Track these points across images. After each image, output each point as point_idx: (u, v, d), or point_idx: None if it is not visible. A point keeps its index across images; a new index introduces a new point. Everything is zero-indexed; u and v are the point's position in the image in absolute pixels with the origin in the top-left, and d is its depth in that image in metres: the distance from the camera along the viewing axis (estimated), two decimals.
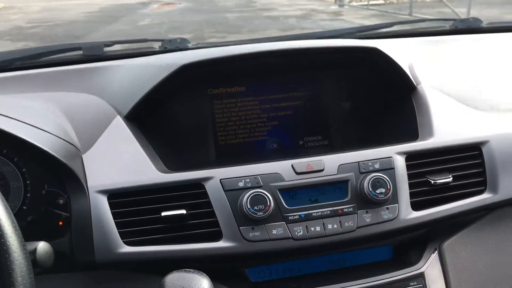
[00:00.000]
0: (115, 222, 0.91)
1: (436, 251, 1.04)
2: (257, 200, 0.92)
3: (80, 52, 1.39)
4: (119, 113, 1.05)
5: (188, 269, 0.77)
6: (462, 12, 8.16)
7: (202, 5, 13.32)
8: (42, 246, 0.68)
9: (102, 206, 0.91)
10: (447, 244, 1.05)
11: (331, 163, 0.99)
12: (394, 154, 1.01)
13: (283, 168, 0.97)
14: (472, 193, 1.05)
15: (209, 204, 0.94)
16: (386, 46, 1.15)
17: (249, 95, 1.22)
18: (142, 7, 13.41)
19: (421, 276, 1.01)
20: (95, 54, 1.37)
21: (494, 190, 1.05)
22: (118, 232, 0.90)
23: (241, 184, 0.95)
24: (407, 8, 9.95)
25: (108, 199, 0.92)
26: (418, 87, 1.16)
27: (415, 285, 0.99)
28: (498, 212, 1.09)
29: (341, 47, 1.15)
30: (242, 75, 1.22)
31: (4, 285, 0.55)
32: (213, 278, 0.96)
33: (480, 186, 1.06)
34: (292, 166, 0.98)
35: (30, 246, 0.67)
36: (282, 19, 9.95)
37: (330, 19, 10.11)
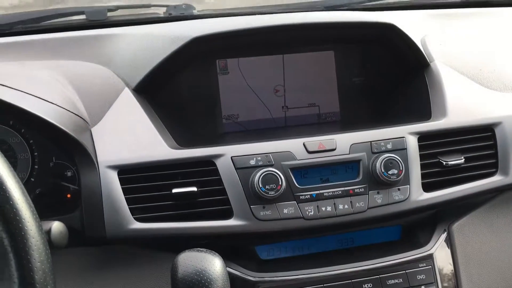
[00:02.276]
0: (126, 198, 0.90)
1: (446, 233, 1.05)
2: (269, 179, 0.91)
3: (83, 16, 1.35)
4: (127, 85, 1.03)
5: (201, 249, 0.76)
6: None
7: None
8: (57, 225, 0.67)
9: (112, 182, 0.90)
10: (456, 226, 1.05)
11: (343, 142, 0.98)
12: (407, 134, 1.00)
13: (295, 147, 0.96)
14: (484, 175, 1.04)
15: (220, 181, 0.93)
16: (399, 20, 1.12)
17: (259, 67, 1.19)
18: None
19: (430, 257, 1.01)
20: (98, 19, 1.34)
21: (506, 172, 1.04)
22: (129, 208, 0.90)
23: (252, 162, 0.93)
24: None
25: (119, 174, 0.90)
26: (431, 64, 1.14)
27: (424, 266, 1.00)
28: (508, 194, 1.08)
29: (356, 23, 1.12)
30: (251, 47, 1.19)
31: (23, 272, 0.54)
32: (221, 255, 0.97)
33: (491, 168, 1.05)
34: (304, 144, 0.97)
35: (45, 226, 0.66)
36: None
37: None
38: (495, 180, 1.04)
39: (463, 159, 1.02)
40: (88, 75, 1.05)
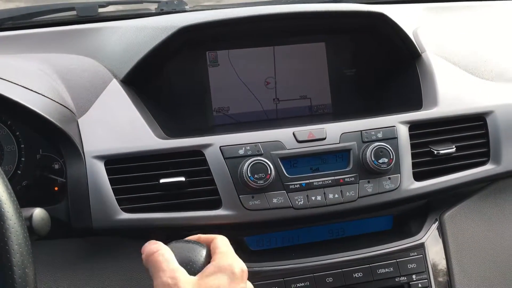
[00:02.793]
0: (113, 189, 0.89)
1: (437, 222, 1.04)
2: (258, 168, 0.90)
3: (74, 12, 1.34)
4: (115, 77, 1.02)
5: (188, 239, 0.75)
6: None
7: None
8: (38, 212, 0.66)
9: (99, 172, 0.89)
10: (448, 215, 1.04)
11: (333, 132, 0.97)
12: (398, 123, 0.99)
13: (284, 136, 0.95)
14: (475, 164, 1.03)
15: (208, 171, 0.92)
16: (391, 11, 1.12)
17: (249, 58, 1.19)
18: None
19: (421, 246, 1.00)
20: (89, 15, 1.34)
21: (497, 161, 1.04)
22: (116, 198, 0.88)
23: (241, 152, 0.92)
24: None
25: (105, 165, 0.89)
26: (423, 54, 1.13)
27: (415, 255, 0.99)
28: (500, 183, 1.08)
29: (347, 11, 1.12)
30: (241, 38, 1.19)
31: (0, 254, 0.53)
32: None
33: (483, 157, 1.04)
34: (293, 134, 0.96)
35: (26, 212, 0.65)
36: None
37: None
38: (487, 169, 1.03)
39: (454, 148, 1.01)
40: (75, 67, 1.05)
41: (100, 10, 1.36)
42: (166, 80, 1.15)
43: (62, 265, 0.92)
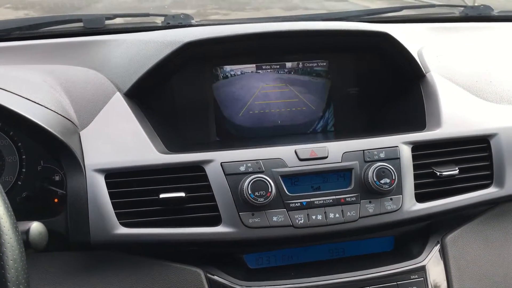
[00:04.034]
0: (112, 203, 0.88)
1: (439, 244, 1.02)
2: (258, 185, 0.89)
3: (81, 24, 1.35)
4: (119, 90, 1.02)
5: None
6: None
7: None
8: (35, 226, 0.65)
9: (99, 186, 0.88)
10: (450, 238, 1.03)
11: (336, 151, 0.96)
12: (400, 143, 0.98)
13: (286, 154, 0.95)
14: (478, 186, 1.02)
15: (209, 187, 0.91)
16: (396, 31, 1.12)
17: (252, 75, 1.19)
18: None
19: (422, 269, 0.99)
20: (95, 27, 1.34)
21: (500, 184, 1.03)
22: (115, 212, 0.88)
23: (242, 169, 0.92)
24: None
25: (106, 178, 0.89)
26: (427, 75, 1.13)
27: (416, 278, 0.97)
28: (502, 207, 1.06)
29: (352, 31, 1.11)
30: (246, 54, 1.19)
31: None
32: (209, 263, 0.95)
33: (486, 180, 1.03)
34: (295, 152, 0.95)
35: (23, 226, 0.65)
36: None
37: (335, 0, 9.96)
38: (490, 192, 1.02)
39: (458, 170, 1.00)
40: (79, 80, 1.05)
41: (107, 22, 1.37)
42: (169, 94, 1.15)
43: (58, 278, 0.91)
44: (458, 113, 1.06)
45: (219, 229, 0.90)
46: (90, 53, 1.15)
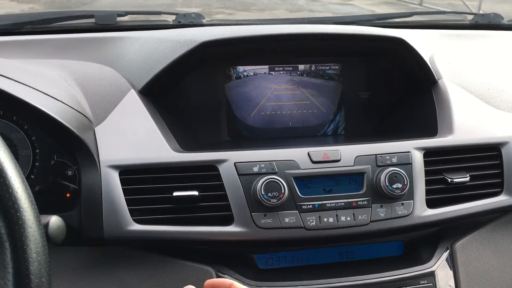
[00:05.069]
0: (126, 199, 0.88)
1: (448, 251, 1.03)
2: (272, 187, 0.90)
3: (93, 20, 1.35)
4: (133, 87, 1.02)
5: None
6: (473, 6, 8.04)
7: None
8: (54, 220, 0.66)
9: (113, 182, 0.89)
10: (459, 244, 1.03)
11: (348, 154, 0.97)
12: (412, 149, 0.99)
13: (299, 156, 0.95)
14: (489, 194, 1.03)
15: (222, 187, 0.92)
16: (409, 36, 1.12)
17: (265, 76, 1.19)
18: None
19: (431, 275, 0.99)
20: (107, 23, 1.34)
21: (511, 192, 1.03)
22: (128, 209, 0.88)
23: (255, 169, 0.92)
24: None
25: (120, 174, 0.89)
26: (439, 81, 1.13)
27: (425, 283, 0.98)
28: None
29: (367, 35, 1.12)
30: (260, 56, 1.20)
31: (18, 261, 0.53)
32: (220, 262, 0.96)
33: (497, 188, 1.03)
34: (308, 154, 0.96)
35: (43, 220, 0.65)
36: (291, 0, 9.81)
37: (340, 3, 9.94)
38: (500, 200, 1.03)
39: (469, 177, 1.00)
40: (94, 76, 1.05)
41: (119, 19, 1.37)
42: (183, 93, 1.16)
43: (72, 273, 0.91)
44: (470, 120, 1.07)
45: (231, 228, 0.91)
46: (103, 49, 1.15)
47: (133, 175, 0.90)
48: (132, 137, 0.94)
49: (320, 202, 0.93)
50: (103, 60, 1.11)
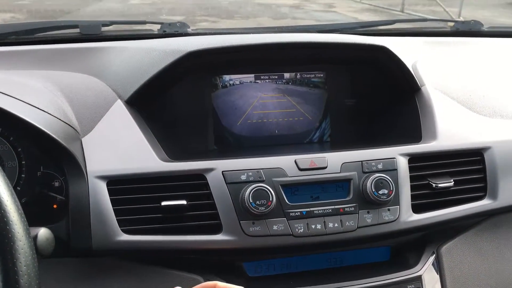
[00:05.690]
0: (114, 209, 0.88)
1: (434, 255, 1.05)
2: (260, 194, 0.90)
3: (77, 30, 1.35)
4: (120, 97, 1.02)
5: None
6: (453, 12, 8.18)
7: None
8: (43, 232, 0.66)
9: (100, 192, 0.89)
10: (445, 248, 1.05)
11: (335, 161, 0.98)
12: (398, 155, 1.00)
13: (286, 163, 0.96)
14: (472, 198, 1.05)
15: (210, 196, 0.92)
16: (392, 44, 1.14)
17: (251, 85, 1.20)
18: None
19: (418, 279, 1.00)
20: (92, 33, 1.34)
21: (494, 196, 1.05)
22: (116, 219, 0.88)
23: (243, 177, 0.93)
24: (399, 4, 9.96)
25: (108, 185, 0.89)
26: (422, 88, 1.15)
27: (412, 287, 0.99)
28: (496, 218, 1.09)
29: (350, 44, 1.14)
30: (245, 64, 1.20)
31: (8, 275, 0.53)
32: (209, 270, 0.96)
33: (480, 192, 1.06)
34: (295, 161, 0.96)
35: (32, 232, 0.64)
36: (274, 7, 9.89)
37: (323, 10, 10.08)
38: (484, 204, 1.05)
39: (453, 182, 1.02)
40: (80, 86, 1.05)
41: (104, 29, 1.37)
42: (169, 103, 1.16)
43: (61, 286, 0.90)
44: (453, 126, 1.09)
45: (220, 237, 0.91)
46: (88, 60, 1.16)
47: (121, 185, 0.90)
48: (119, 147, 0.94)
49: (308, 209, 0.94)
50: (88, 70, 1.11)
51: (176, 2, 9.70)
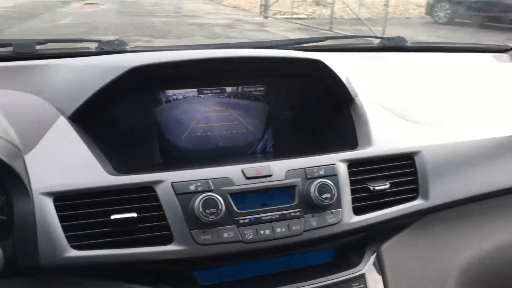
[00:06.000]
0: (62, 226, 0.87)
1: (375, 254, 1.11)
2: (209, 203, 0.93)
3: (10, 48, 1.32)
4: (62, 113, 1.02)
5: None
6: (378, 31, 8.64)
7: (127, 7, 13.03)
8: None
9: (47, 209, 0.87)
10: (384, 247, 1.11)
11: (279, 169, 1.02)
12: (337, 161, 1.06)
13: (233, 173, 0.99)
14: (406, 199, 1.12)
15: (160, 207, 0.93)
16: (327, 58, 1.21)
17: (194, 99, 1.23)
18: (62, 6, 12.88)
19: (362, 277, 1.06)
20: (26, 51, 1.31)
21: (425, 196, 1.13)
22: (65, 235, 0.87)
23: (192, 188, 0.95)
24: (328, 23, 10.36)
25: (54, 201, 0.88)
26: (356, 99, 1.23)
27: (357, 285, 1.05)
28: (428, 217, 1.17)
29: (289, 58, 1.20)
30: (188, 79, 1.23)
31: None
32: (161, 281, 0.96)
33: (413, 193, 1.13)
34: (242, 171, 1.00)
35: None
36: (208, 26, 9.97)
37: (255, 29, 10.29)
38: (416, 204, 1.13)
39: (388, 185, 1.09)
40: (19, 104, 1.03)
41: (38, 47, 1.35)
42: (114, 118, 1.16)
43: None
44: (386, 133, 1.17)
45: (172, 247, 0.92)
46: (25, 78, 1.13)
47: (68, 201, 0.89)
48: (64, 162, 0.93)
49: (256, 216, 0.97)
50: (26, 88, 1.09)
51: (107, 21, 9.55)
